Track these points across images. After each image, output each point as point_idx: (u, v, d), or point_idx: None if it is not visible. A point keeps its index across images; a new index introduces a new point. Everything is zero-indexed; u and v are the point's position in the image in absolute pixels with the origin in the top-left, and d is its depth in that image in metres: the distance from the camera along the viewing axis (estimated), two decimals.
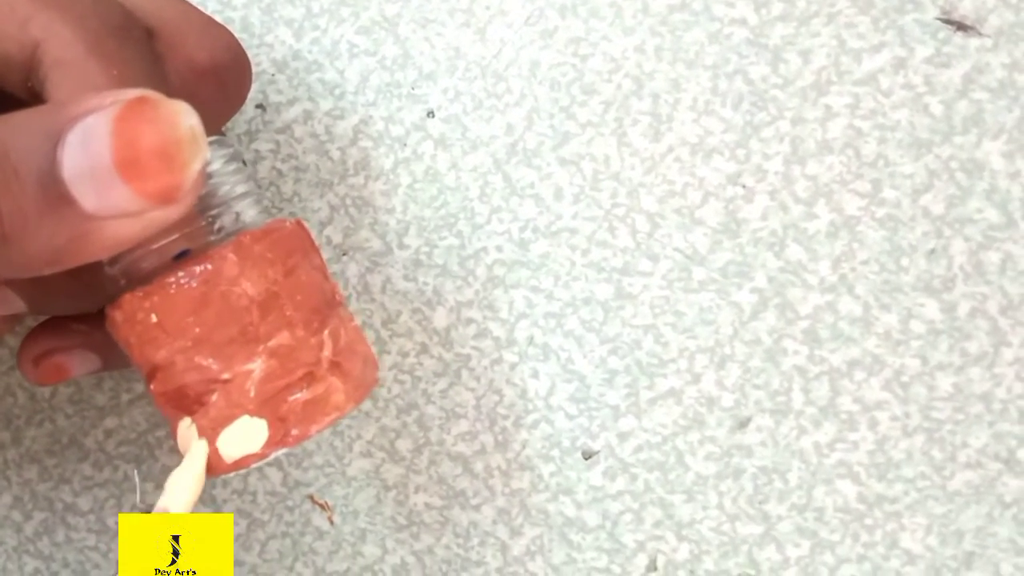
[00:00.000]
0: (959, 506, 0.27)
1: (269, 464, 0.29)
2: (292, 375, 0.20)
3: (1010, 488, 0.26)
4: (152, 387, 0.21)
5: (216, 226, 0.21)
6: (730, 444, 0.27)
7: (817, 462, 0.27)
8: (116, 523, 0.30)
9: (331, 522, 0.29)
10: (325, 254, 0.29)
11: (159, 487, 0.30)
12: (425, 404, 0.29)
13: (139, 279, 0.20)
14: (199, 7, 0.29)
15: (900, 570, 0.27)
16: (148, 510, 0.20)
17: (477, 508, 0.29)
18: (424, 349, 0.28)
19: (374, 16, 0.28)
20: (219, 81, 0.23)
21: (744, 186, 0.27)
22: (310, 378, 0.20)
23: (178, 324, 0.20)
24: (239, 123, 0.29)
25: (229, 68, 0.23)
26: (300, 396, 0.20)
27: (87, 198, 0.17)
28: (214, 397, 0.20)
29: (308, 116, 0.29)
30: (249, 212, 0.21)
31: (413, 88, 0.28)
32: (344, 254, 0.29)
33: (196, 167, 0.17)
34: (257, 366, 0.20)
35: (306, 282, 0.21)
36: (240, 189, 0.21)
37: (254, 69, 0.26)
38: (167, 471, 0.30)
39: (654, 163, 0.27)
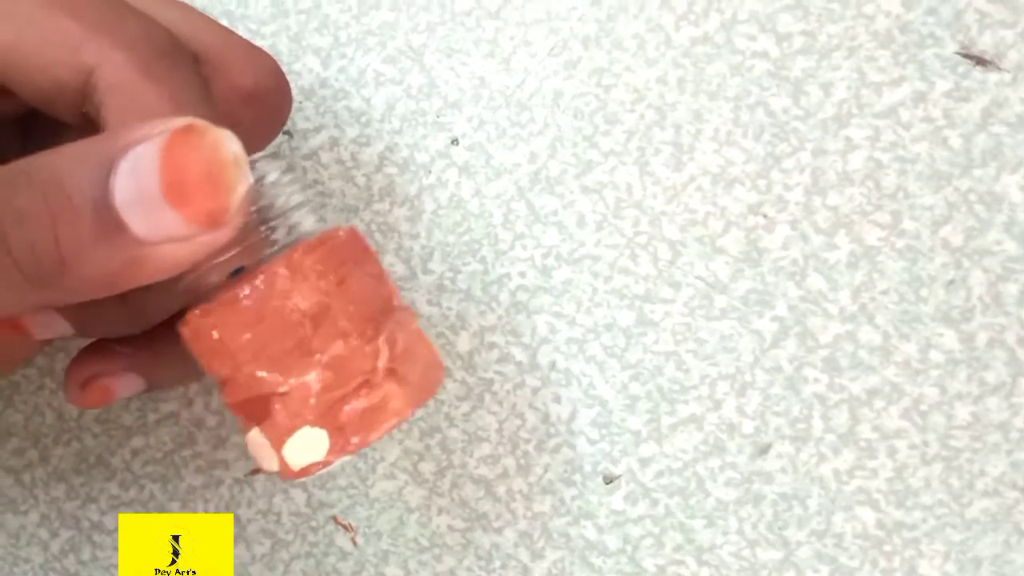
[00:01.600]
0: (977, 534, 0.27)
1: (293, 485, 0.30)
2: (348, 385, 0.21)
3: None
4: (223, 398, 0.21)
5: (274, 236, 0.21)
6: (750, 470, 0.28)
7: (836, 489, 0.27)
8: None
9: (354, 543, 0.30)
10: None
11: (184, 506, 0.30)
12: (448, 427, 0.29)
13: (204, 294, 0.21)
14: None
15: None
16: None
17: (499, 531, 0.29)
18: (447, 373, 0.29)
19: (400, 46, 0.29)
20: (262, 105, 0.23)
21: (765, 216, 0.27)
22: (367, 386, 0.21)
23: (237, 340, 0.20)
24: (266, 150, 0.30)
25: (272, 92, 0.24)
26: (358, 405, 0.21)
27: (138, 224, 0.17)
28: (276, 408, 0.21)
29: (334, 143, 0.29)
30: (306, 221, 0.22)
31: (438, 116, 0.29)
32: None
33: (240, 192, 0.18)
34: (313, 378, 0.20)
35: (358, 291, 0.21)
36: (296, 199, 0.22)
37: None
38: (193, 491, 0.30)
39: (676, 192, 0.28)
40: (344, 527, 0.30)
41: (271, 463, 0.21)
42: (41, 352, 0.31)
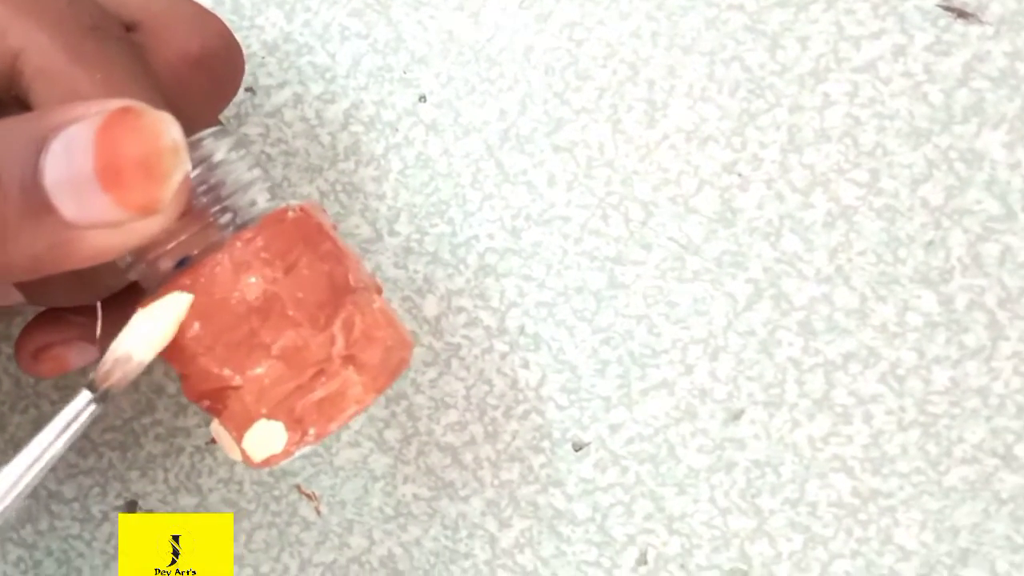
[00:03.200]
0: (955, 502, 0.26)
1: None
2: (302, 375, 0.20)
3: (1006, 484, 0.26)
4: (184, 392, 0.21)
5: (226, 217, 0.20)
6: (722, 437, 0.27)
7: (811, 456, 0.27)
8: (100, 511, 0.30)
9: (318, 512, 0.29)
10: None
11: (144, 475, 0.30)
12: (414, 394, 0.28)
13: (157, 282, 0.20)
14: None
15: (894, 566, 0.26)
16: (102, 353, 0.20)
17: (466, 499, 0.28)
18: (414, 338, 0.28)
19: None
20: (212, 71, 0.23)
21: (740, 175, 0.27)
22: (322, 375, 0.20)
23: (185, 334, 0.20)
24: (228, 106, 0.29)
25: (221, 57, 0.23)
26: (314, 396, 0.20)
27: (68, 207, 0.17)
28: (231, 401, 0.20)
29: (298, 100, 0.28)
30: (259, 199, 0.21)
31: (405, 72, 0.28)
32: None
33: (177, 179, 0.17)
34: (264, 370, 0.20)
35: (309, 276, 0.20)
36: (247, 177, 0.21)
37: (244, 51, 0.26)
38: (152, 459, 0.30)
39: (649, 150, 0.27)
40: (307, 496, 0.29)
41: (235, 454, 0.21)
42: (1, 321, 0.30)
